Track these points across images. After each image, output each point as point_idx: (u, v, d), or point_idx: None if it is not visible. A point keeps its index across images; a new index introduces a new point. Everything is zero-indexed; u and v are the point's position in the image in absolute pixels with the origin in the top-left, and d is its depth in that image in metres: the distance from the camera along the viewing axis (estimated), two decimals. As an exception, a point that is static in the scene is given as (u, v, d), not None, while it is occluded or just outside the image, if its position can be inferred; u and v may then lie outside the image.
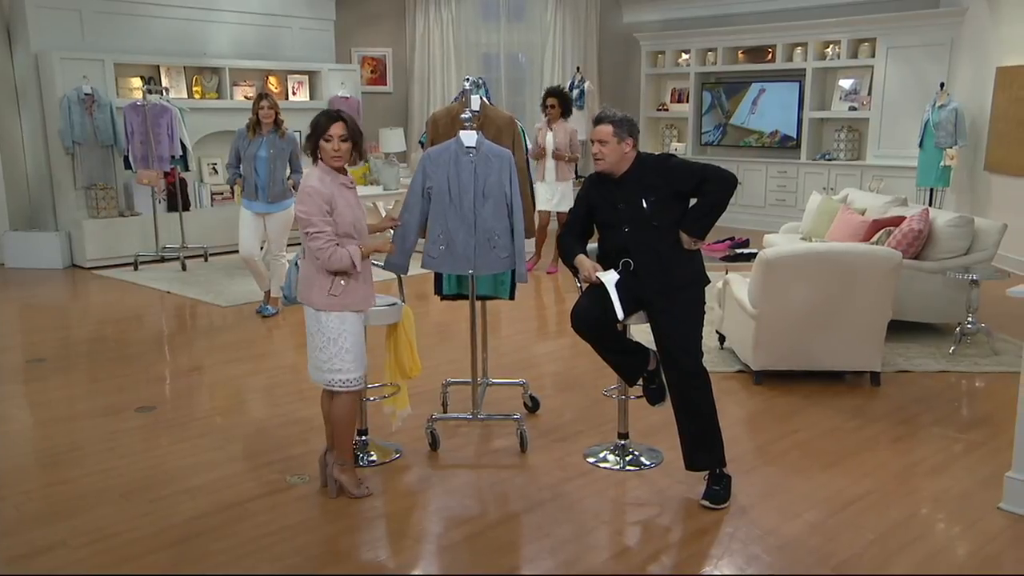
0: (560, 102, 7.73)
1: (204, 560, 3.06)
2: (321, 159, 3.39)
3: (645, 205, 3.47)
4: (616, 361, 3.69)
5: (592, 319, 3.55)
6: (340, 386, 3.46)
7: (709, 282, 3.65)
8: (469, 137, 3.79)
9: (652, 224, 3.47)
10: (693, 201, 3.53)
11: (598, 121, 3.53)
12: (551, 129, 7.76)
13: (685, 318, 3.50)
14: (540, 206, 7.45)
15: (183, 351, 5.80)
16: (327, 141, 3.35)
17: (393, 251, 3.81)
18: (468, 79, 4.09)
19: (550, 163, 7.75)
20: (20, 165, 8.64)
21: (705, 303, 3.61)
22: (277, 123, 6.18)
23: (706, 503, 3.42)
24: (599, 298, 3.51)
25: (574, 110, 11.00)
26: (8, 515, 3.39)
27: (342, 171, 3.44)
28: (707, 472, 3.49)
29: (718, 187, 3.44)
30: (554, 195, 7.74)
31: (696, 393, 3.45)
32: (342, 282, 3.38)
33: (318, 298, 3.40)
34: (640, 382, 3.76)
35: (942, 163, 8.46)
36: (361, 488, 3.53)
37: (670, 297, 3.49)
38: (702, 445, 3.47)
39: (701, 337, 3.56)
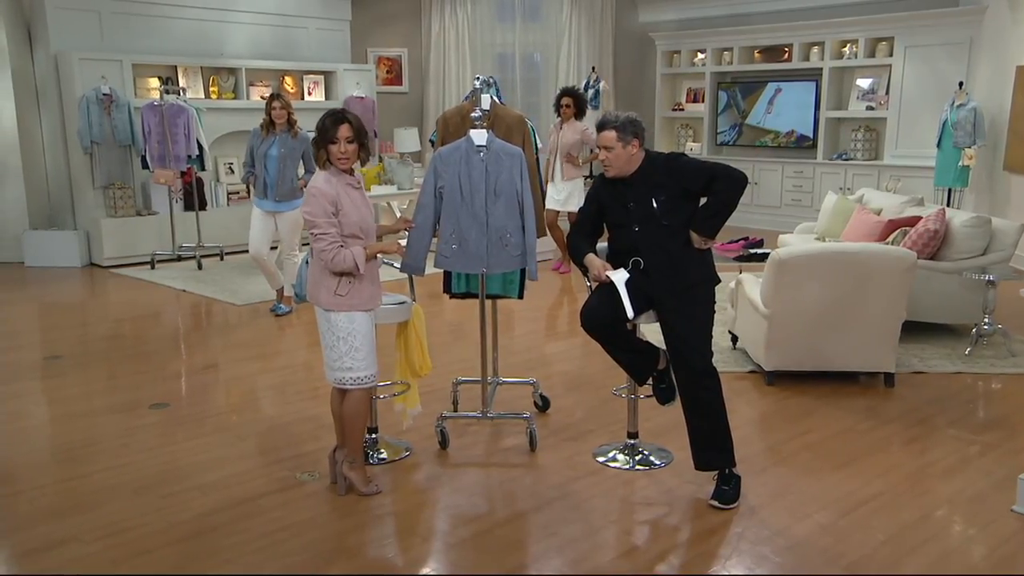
0: (575, 102, 7.71)
1: (214, 556, 3.08)
2: (329, 161, 3.40)
3: (655, 204, 3.46)
4: (626, 360, 3.69)
5: (602, 318, 3.54)
6: (352, 384, 3.47)
7: (720, 281, 3.63)
8: (480, 136, 3.80)
9: (662, 223, 3.47)
10: (704, 200, 3.52)
11: (601, 126, 3.51)
12: (562, 129, 7.74)
13: (695, 317, 3.48)
14: (547, 205, 7.43)
15: (198, 349, 5.85)
16: (333, 143, 3.36)
17: (402, 253, 3.81)
18: (478, 78, 4.10)
19: (557, 162, 7.74)
20: (40, 165, 8.74)
21: (715, 302, 3.59)
22: (290, 123, 6.22)
23: (715, 503, 3.40)
24: (609, 297, 3.51)
25: (589, 110, 11.05)
26: (23, 509, 3.44)
27: (349, 171, 3.45)
28: (716, 472, 3.47)
29: (727, 186, 3.43)
30: (561, 194, 7.72)
31: (705, 392, 3.44)
32: (349, 282, 3.39)
33: (325, 298, 3.42)
34: (650, 381, 3.75)
35: (960, 163, 8.38)
36: (370, 486, 3.55)
37: (680, 296, 3.48)
38: (711, 444, 3.46)
39: (711, 336, 3.55)
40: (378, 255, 3.51)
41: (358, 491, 3.52)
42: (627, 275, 3.47)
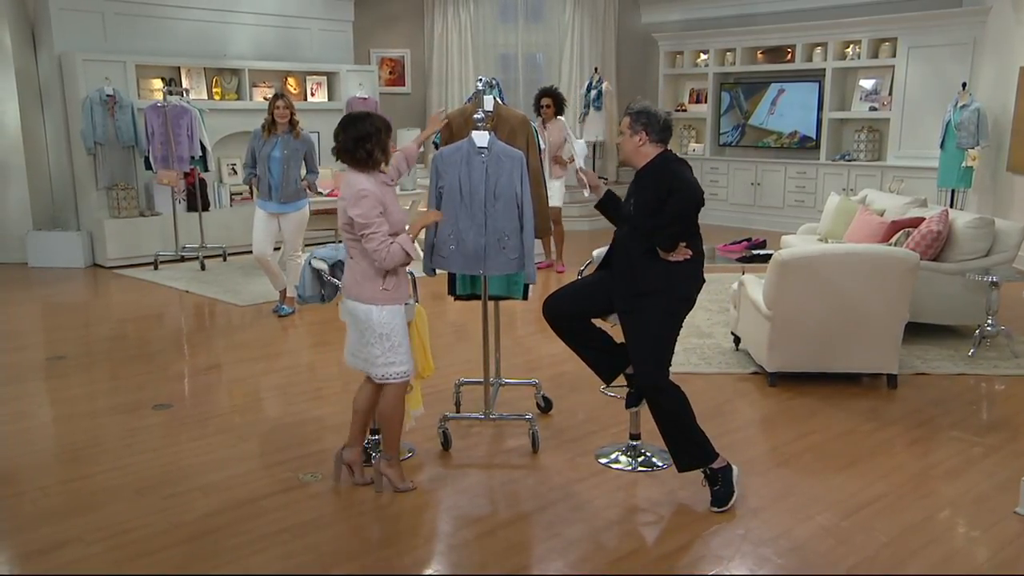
0: (554, 101, 7.77)
1: (216, 557, 3.08)
2: (373, 164, 3.41)
3: (633, 204, 3.45)
4: (591, 358, 3.69)
5: (563, 310, 3.59)
6: (395, 378, 3.50)
7: (682, 296, 3.47)
8: (481, 137, 3.80)
9: (634, 224, 3.44)
10: None
11: (624, 112, 3.51)
12: (545, 128, 7.78)
13: (643, 328, 3.41)
14: None
15: (201, 350, 5.86)
16: (384, 149, 3.41)
17: (439, 217, 3.78)
18: (481, 79, 4.10)
19: (546, 162, 7.78)
20: (43, 165, 8.76)
21: (676, 315, 3.45)
22: (292, 123, 6.22)
23: (714, 509, 3.40)
24: (580, 292, 3.59)
25: (592, 111, 11.07)
26: (26, 510, 3.44)
27: (382, 171, 3.49)
28: (702, 477, 3.47)
29: (676, 200, 3.31)
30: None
31: (651, 404, 3.43)
32: (394, 276, 3.46)
33: (371, 294, 3.44)
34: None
35: (964, 164, 8.37)
36: (406, 483, 3.58)
37: (630, 302, 3.45)
38: (674, 448, 3.46)
39: (664, 349, 3.43)
40: (420, 229, 3.61)
41: (395, 488, 3.56)
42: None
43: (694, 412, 3.46)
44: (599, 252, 3.86)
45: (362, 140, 3.37)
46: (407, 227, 3.51)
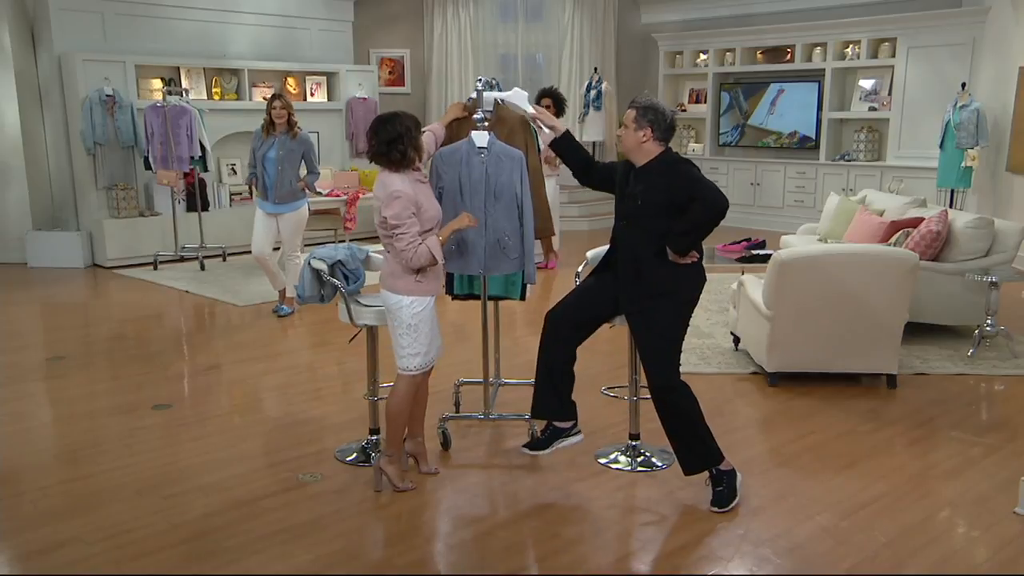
0: (555, 102, 7.74)
1: (216, 557, 3.08)
2: (401, 164, 3.41)
3: (640, 204, 3.41)
4: (544, 390, 3.57)
5: (571, 318, 3.54)
6: (413, 371, 3.54)
7: (689, 297, 3.47)
8: (481, 137, 3.81)
9: (641, 225, 3.42)
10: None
11: (629, 104, 3.47)
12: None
13: (653, 329, 3.41)
14: None
15: (200, 350, 5.86)
16: (416, 147, 3.43)
17: (475, 223, 3.70)
18: (480, 79, 4.10)
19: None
20: (43, 166, 8.75)
21: (685, 316, 3.46)
22: (290, 123, 6.21)
23: (714, 508, 3.40)
24: (583, 300, 3.57)
25: (591, 111, 11.06)
26: (26, 511, 3.44)
27: (416, 168, 3.50)
28: (707, 476, 3.46)
29: (702, 208, 3.28)
30: None
31: (664, 407, 3.42)
32: (427, 269, 3.49)
33: (406, 285, 3.47)
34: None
35: (963, 164, 8.37)
36: (406, 482, 3.59)
37: (640, 303, 3.43)
38: (683, 450, 3.45)
39: (674, 351, 3.43)
40: (451, 234, 3.58)
41: (394, 486, 3.56)
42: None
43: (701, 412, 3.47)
44: (594, 253, 3.86)
45: (394, 142, 3.39)
46: (438, 234, 3.50)
